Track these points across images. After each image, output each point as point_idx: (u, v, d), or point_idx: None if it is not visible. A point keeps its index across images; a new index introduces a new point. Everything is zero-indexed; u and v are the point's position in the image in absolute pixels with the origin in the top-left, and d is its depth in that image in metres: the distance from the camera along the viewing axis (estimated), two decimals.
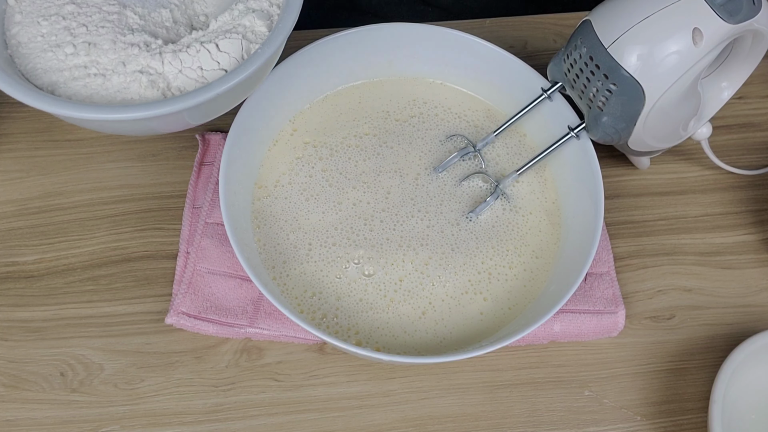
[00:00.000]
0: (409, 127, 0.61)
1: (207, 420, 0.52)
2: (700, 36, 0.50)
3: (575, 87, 0.55)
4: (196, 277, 0.56)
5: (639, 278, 0.60)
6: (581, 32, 0.53)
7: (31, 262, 0.57)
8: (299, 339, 0.55)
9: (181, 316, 0.54)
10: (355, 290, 0.54)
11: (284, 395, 0.53)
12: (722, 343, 0.57)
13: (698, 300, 0.59)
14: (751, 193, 0.65)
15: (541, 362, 0.56)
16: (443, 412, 0.54)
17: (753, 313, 0.59)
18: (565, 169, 0.58)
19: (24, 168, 0.61)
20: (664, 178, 0.65)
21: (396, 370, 0.55)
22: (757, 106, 0.69)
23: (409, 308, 0.53)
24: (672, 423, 0.54)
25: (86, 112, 0.47)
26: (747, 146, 0.67)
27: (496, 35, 0.72)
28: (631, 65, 0.50)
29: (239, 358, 0.54)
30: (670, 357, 0.57)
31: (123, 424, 0.52)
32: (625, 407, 0.55)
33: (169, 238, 0.59)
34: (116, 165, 0.62)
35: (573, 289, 0.50)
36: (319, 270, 0.54)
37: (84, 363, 0.54)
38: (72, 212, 0.60)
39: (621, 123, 0.53)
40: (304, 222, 0.56)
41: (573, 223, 0.56)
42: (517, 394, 0.54)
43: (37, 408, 0.52)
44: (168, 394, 0.53)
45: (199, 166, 0.61)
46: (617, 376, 0.56)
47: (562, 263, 0.55)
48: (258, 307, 0.55)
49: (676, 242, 0.62)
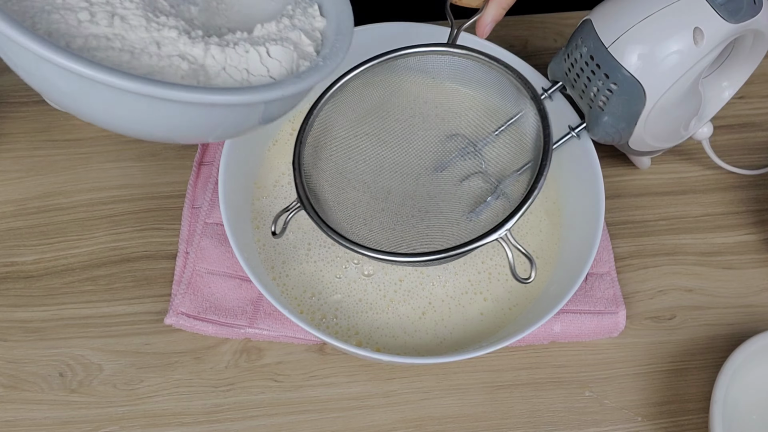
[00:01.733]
0: (409, 127, 0.60)
1: (206, 421, 0.52)
2: (701, 35, 0.50)
3: (576, 86, 0.55)
4: (195, 278, 0.55)
5: (640, 278, 0.60)
6: (582, 32, 0.53)
7: (30, 262, 0.57)
8: (299, 339, 0.55)
9: (181, 317, 0.54)
10: (354, 290, 0.54)
11: (284, 396, 0.53)
12: (723, 343, 0.57)
13: (699, 300, 0.59)
14: (752, 193, 0.64)
15: (542, 362, 0.56)
16: (443, 412, 0.53)
17: (754, 313, 0.59)
18: (566, 168, 0.58)
19: (23, 168, 0.61)
20: (664, 177, 0.65)
21: (396, 371, 0.55)
22: (758, 105, 0.69)
23: (409, 308, 0.53)
24: (673, 423, 0.54)
25: (172, 90, 0.36)
26: (748, 146, 0.67)
27: (497, 35, 0.71)
28: (631, 65, 0.50)
29: (239, 359, 0.54)
30: (670, 357, 0.56)
31: (122, 424, 0.52)
32: (626, 408, 0.54)
33: (169, 238, 0.59)
34: (115, 165, 0.62)
35: (573, 290, 0.50)
36: (319, 270, 0.54)
37: (83, 363, 0.53)
38: (71, 212, 0.59)
39: (622, 123, 0.53)
40: (304, 222, 0.56)
41: (573, 222, 0.56)
42: (517, 395, 0.54)
43: (36, 408, 0.52)
44: (167, 395, 0.53)
45: (199, 165, 0.61)
46: (618, 376, 0.55)
47: (562, 263, 0.55)
48: (257, 308, 0.55)
49: (677, 242, 0.62)
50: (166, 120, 0.39)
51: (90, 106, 0.38)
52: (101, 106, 0.38)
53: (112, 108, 0.38)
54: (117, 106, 0.37)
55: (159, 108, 0.38)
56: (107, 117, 0.39)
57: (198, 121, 0.41)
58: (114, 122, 0.40)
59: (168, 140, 0.49)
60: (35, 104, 0.64)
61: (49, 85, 0.38)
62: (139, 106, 0.37)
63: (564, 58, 0.55)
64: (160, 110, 0.38)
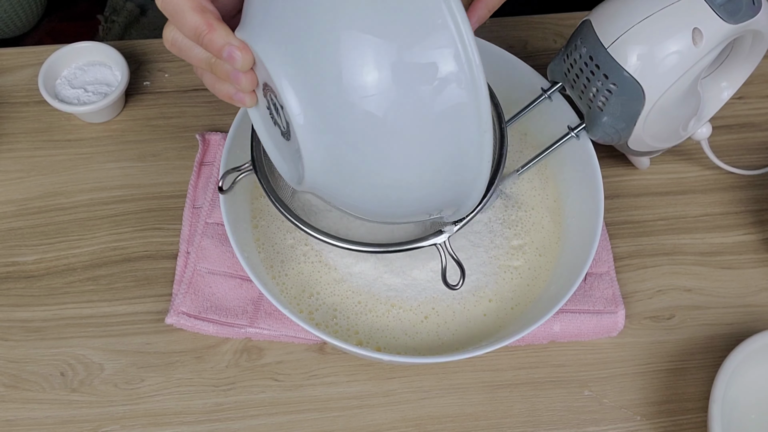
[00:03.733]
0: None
1: (207, 420, 0.52)
2: (700, 36, 0.50)
3: (575, 87, 0.55)
4: (196, 277, 0.56)
5: (639, 278, 0.60)
6: (581, 32, 0.53)
7: (31, 262, 0.57)
8: (299, 339, 0.55)
9: (181, 316, 0.54)
10: (355, 291, 0.54)
11: (284, 395, 0.53)
12: (722, 342, 0.57)
13: (698, 300, 0.59)
14: (751, 193, 0.65)
15: (541, 362, 0.56)
16: (443, 411, 0.54)
17: (753, 312, 0.59)
18: (565, 168, 0.58)
19: (24, 168, 0.61)
20: (664, 178, 0.65)
21: (396, 370, 0.55)
22: (757, 106, 0.69)
23: (411, 314, 0.53)
24: (672, 423, 0.54)
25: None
26: (747, 146, 0.67)
27: (496, 35, 0.71)
28: (631, 65, 0.50)
29: (239, 358, 0.54)
30: (669, 357, 0.57)
31: (123, 423, 0.52)
32: (625, 407, 0.55)
33: (169, 238, 0.59)
34: (116, 165, 0.62)
35: (573, 289, 0.50)
36: (316, 270, 0.54)
37: (84, 363, 0.54)
38: (72, 212, 0.60)
39: (621, 123, 0.53)
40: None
41: (573, 222, 0.56)
42: (516, 394, 0.54)
43: (37, 408, 0.52)
44: (168, 394, 0.53)
45: (199, 166, 0.61)
46: (617, 375, 0.56)
47: (562, 263, 0.55)
48: (258, 307, 0.55)
49: (676, 242, 0.62)
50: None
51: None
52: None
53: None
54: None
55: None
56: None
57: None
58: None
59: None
60: (36, 104, 0.64)
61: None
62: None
63: (563, 58, 0.55)
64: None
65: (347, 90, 0.35)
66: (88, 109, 0.61)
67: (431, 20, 0.35)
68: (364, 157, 0.37)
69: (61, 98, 0.62)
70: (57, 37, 0.93)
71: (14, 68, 0.66)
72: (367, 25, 0.35)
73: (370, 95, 0.35)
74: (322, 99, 0.36)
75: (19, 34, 0.91)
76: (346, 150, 0.37)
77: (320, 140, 0.37)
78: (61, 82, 0.63)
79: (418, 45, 0.35)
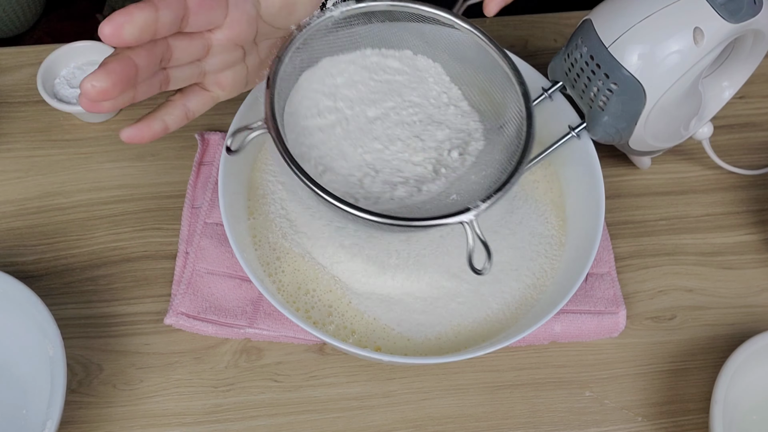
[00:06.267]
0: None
1: (206, 421, 0.52)
2: (701, 35, 0.50)
3: (576, 86, 0.55)
4: (195, 278, 0.55)
5: (640, 278, 0.60)
6: (582, 31, 0.53)
7: (30, 262, 0.57)
8: (299, 339, 0.55)
9: (181, 317, 0.54)
10: (354, 291, 0.53)
11: (284, 396, 0.53)
12: (723, 343, 0.57)
13: (699, 300, 0.59)
14: (753, 193, 0.64)
15: (542, 363, 0.56)
16: (443, 412, 0.53)
17: (754, 313, 0.59)
18: (566, 168, 0.58)
19: (23, 168, 0.61)
20: (665, 177, 0.65)
21: (396, 371, 0.55)
22: (758, 105, 0.69)
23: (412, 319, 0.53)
24: (673, 424, 0.54)
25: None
26: (748, 146, 0.67)
27: (497, 34, 0.71)
28: (631, 65, 0.50)
29: (239, 359, 0.54)
30: (671, 357, 0.56)
31: (122, 425, 0.52)
32: (626, 408, 0.54)
33: (168, 238, 0.59)
34: (115, 165, 0.62)
35: (574, 290, 0.49)
36: (312, 268, 0.54)
37: (83, 363, 0.53)
38: (71, 212, 0.59)
39: (622, 122, 0.53)
40: (301, 222, 0.55)
41: (574, 222, 0.56)
42: (517, 395, 0.54)
43: None
44: (167, 395, 0.53)
45: (198, 166, 0.61)
46: (618, 376, 0.55)
47: (563, 263, 0.55)
48: (257, 308, 0.55)
49: (677, 242, 0.61)
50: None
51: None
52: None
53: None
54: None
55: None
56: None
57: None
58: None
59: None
60: (35, 104, 0.64)
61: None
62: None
63: (564, 58, 0.55)
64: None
65: None
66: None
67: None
68: None
69: (59, 98, 0.62)
70: (56, 37, 0.92)
71: (13, 68, 0.66)
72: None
73: None
74: None
75: (17, 33, 0.91)
76: None
77: None
78: (59, 81, 0.63)
79: None
